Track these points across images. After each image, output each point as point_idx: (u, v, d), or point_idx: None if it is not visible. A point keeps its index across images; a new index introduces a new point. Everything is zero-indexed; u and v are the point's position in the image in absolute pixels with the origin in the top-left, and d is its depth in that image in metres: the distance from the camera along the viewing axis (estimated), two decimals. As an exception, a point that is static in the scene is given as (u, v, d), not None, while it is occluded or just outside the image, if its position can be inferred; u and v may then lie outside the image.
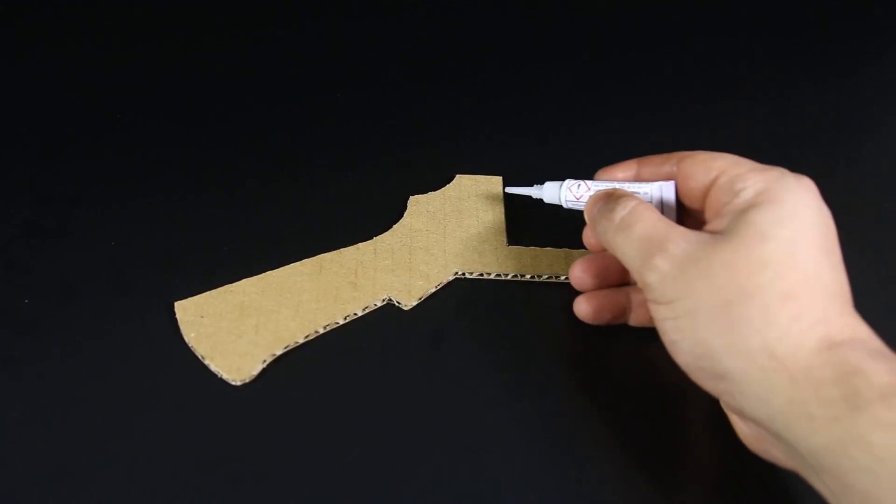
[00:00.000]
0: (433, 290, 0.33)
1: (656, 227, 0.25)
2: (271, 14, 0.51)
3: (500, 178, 0.39)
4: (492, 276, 0.34)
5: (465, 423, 0.29)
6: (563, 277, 0.34)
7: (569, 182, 0.31)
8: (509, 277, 0.34)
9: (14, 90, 0.43)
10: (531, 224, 0.37)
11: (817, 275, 0.22)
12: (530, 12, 0.54)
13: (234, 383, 0.29)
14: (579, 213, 0.38)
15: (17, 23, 0.48)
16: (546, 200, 0.32)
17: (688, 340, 0.24)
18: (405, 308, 0.33)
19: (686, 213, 0.29)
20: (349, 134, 0.42)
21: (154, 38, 0.48)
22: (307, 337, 0.31)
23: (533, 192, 0.33)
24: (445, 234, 0.35)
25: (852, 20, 0.57)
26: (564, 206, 0.31)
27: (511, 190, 0.35)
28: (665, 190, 0.28)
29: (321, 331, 0.31)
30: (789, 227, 0.23)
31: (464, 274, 0.34)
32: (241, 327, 0.31)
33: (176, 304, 0.31)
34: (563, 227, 0.37)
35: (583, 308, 0.31)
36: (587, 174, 0.41)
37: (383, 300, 0.33)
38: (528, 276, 0.34)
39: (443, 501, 0.27)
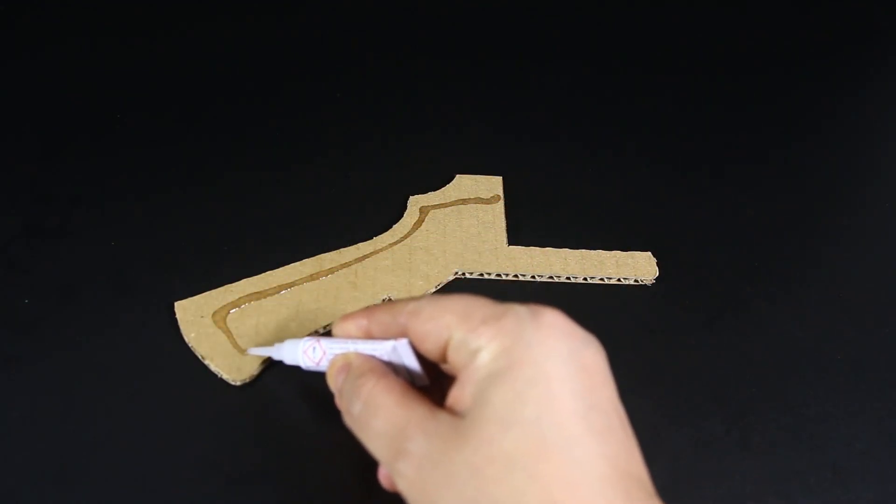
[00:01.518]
0: (433, 290, 0.33)
1: (394, 421, 0.21)
2: (271, 14, 0.51)
3: (499, 178, 0.39)
4: (492, 276, 0.34)
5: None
6: (562, 277, 0.34)
7: (304, 344, 0.26)
8: (509, 277, 0.34)
9: (14, 90, 0.43)
10: (531, 224, 0.37)
11: (577, 458, 0.19)
12: (531, 12, 0.54)
13: (234, 383, 0.29)
14: (583, 211, 0.38)
15: (17, 23, 0.48)
16: (286, 362, 0.27)
17: None
18: (405, 308, 0.32)
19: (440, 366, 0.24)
20: (349, 134, 0.42)
21: (154, 37, 0.48)
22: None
23: (273, 352, 0.28)
24: (445, 234, 0.35)
25: (854, 22, 0.57)
26: (305, 368, 0.26)
27: (253, 351, 0.30)
28: (401, 350, 0.23)
29: (321, 331, 0.31)
30: (534, 402, 0.19)
31: (464, 274, 0.34)
32: (241, 327, 0.31)
33: (176, 304, 0.31)
34: (563, 228, 0.37)
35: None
36: (587, 174, 0.41)
37: (383, 300, 0.33)
38: (528, 276, 0.34)
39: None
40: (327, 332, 0.31)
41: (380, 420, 0.21)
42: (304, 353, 0.26)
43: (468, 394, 0.20)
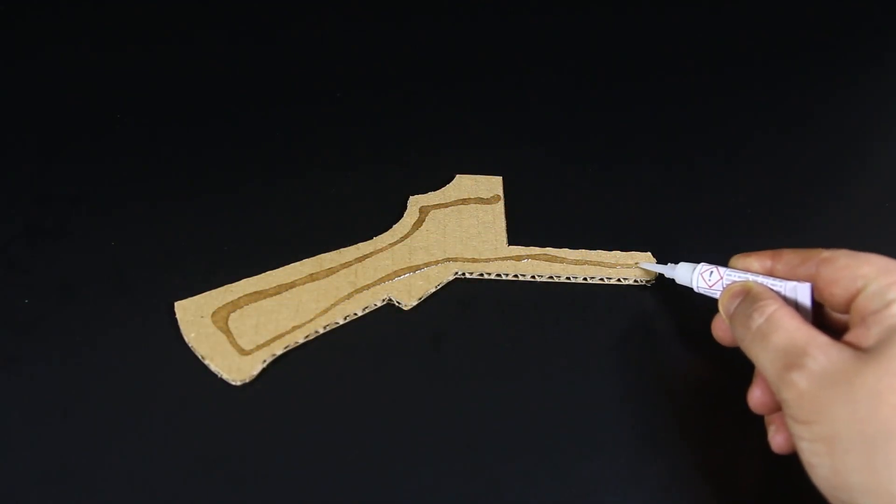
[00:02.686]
0: (433, 290, 0.33)
1: (794, 338, 0.24)
2: (271, 14, 0.51)
3: (499, 178, 0.39)
4: (492, 276, 0.34)
5: (464, 424, 0.29)
6: (562, 277, 0.34)
7: (701, 267, 0.30)
8: (509, 277, 0.34)
9: (14, 90, 0.43)
10: (531, 224, 0.37)
11: None
12: (530, 13, 0.54)
13: (234, 383, 0.29)
14: (583, 211, 0.38)
15: (17, 23, 0.48)
16: (678, 281, 0.31)
17: (825, 467, 0.22)
18: (405, 308, 0.33)
19: (823, 313, 0.27)
20: (349, 134, 0.42)
21: (154, 38, 0.48)
22: (307, 337, 0.31)
23: (666, 270, 0.32)
24: (445, 234, 0.35)
25: (852, 21, 0.57)
26: (696, 290, 0.30)
27: (646, 266, 0.34)
28: (800, 292, 0.26)
29: (321, 331, 0.31)
30: None
31: (464, 274, 0.34)
32: (241, 327, 0.31)
33: (176, 304, 0.31)
34: (563, 228, 0.37)
35: (779, 442, 0.27)
36: (587, 175, 0.41)
37: (383, 300, 0.33)
38: (528, 276, 0.34)
39: (442, 501, 0.27)
40: (328, 333, 0.31)
41: (780, 335, 0.24)
42: (699, 275, 0.29)
43: (874, 333, 0.22)
